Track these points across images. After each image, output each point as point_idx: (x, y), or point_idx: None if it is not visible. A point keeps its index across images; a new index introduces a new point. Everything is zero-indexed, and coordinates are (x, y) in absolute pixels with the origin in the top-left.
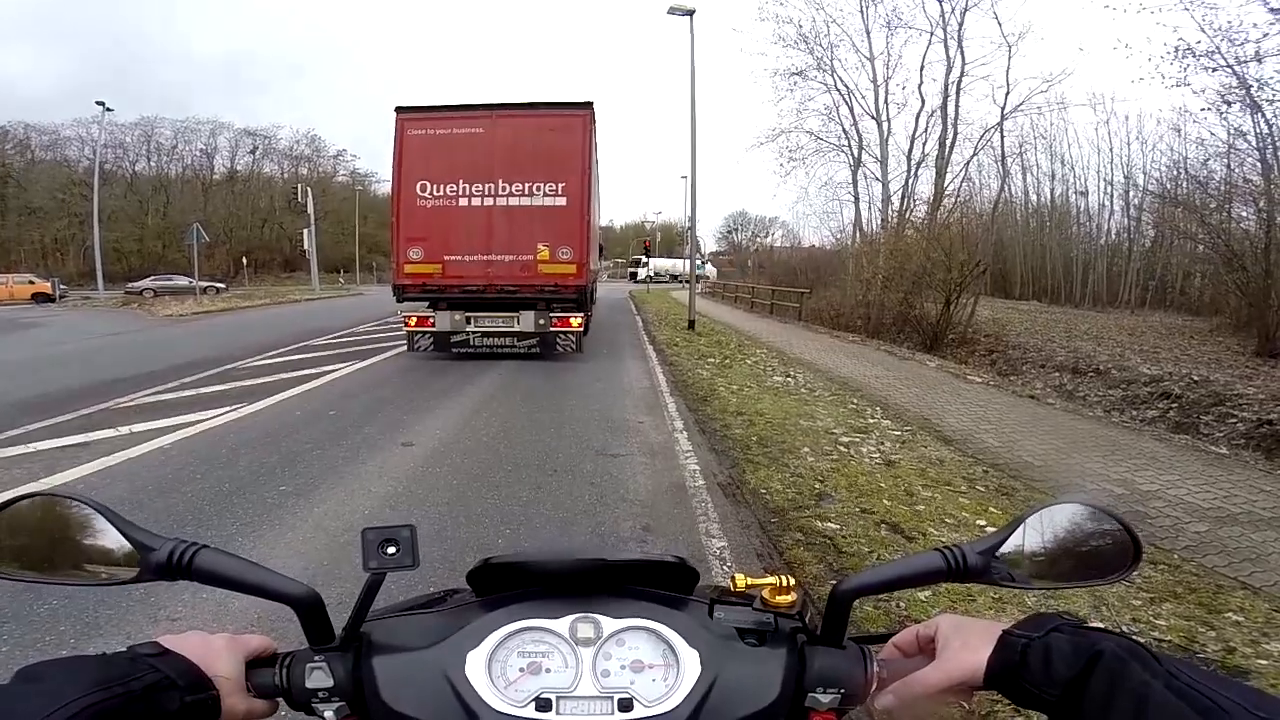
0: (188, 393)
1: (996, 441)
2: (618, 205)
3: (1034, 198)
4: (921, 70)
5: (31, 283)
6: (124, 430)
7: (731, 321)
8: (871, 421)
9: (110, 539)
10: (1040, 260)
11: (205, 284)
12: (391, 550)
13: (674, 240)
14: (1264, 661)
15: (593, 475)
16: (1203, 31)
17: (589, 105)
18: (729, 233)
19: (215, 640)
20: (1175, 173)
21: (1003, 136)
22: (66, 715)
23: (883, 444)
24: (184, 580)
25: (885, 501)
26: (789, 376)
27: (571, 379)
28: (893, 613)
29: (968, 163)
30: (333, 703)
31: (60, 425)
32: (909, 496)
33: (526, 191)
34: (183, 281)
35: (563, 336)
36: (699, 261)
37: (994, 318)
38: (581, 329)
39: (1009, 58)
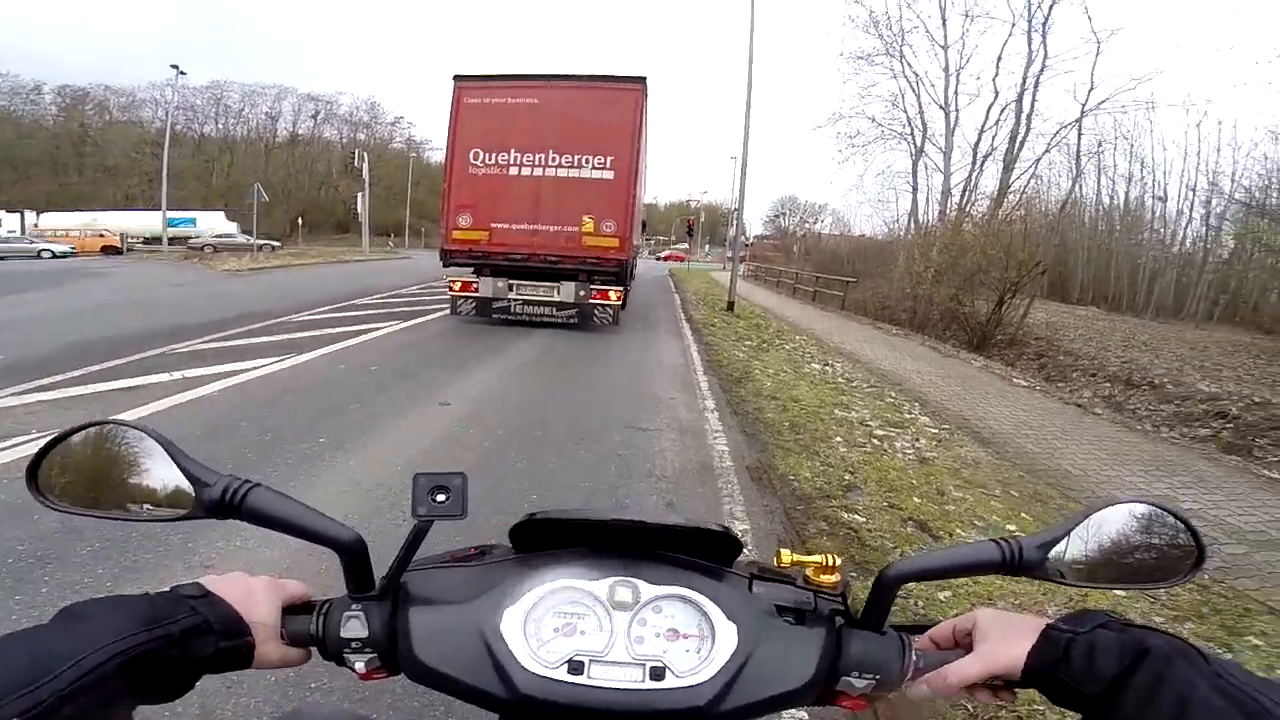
0: (239, 342)
1: (1036, 447)
2: (664, 183)
3: (1106, 199)
4: (998, 62)
5: (102, 235)
6: (177, 375)
7: (772, 306)
8: (909, 417)
9: (166, 472)
10: (1104, 265)
11: (262, 242)
12: (441, 498)
13: (718, 221)
14: None
15: (620, 447)
16: None
17: (642, 80)
18: (776, 216)
19: (256, 584)
20: (1266, 182)
21: (1080, 134)
22: (102, 657)
23: (918, 440)
24: (234, 519)
25: (915, 499)
26: (827, 365)
27: (606, 351)
28: (909, 609)
29: (1038, 159)
30: (365, 653)
31: (118, 368)
32: (940, 496)
33: (575, 163)
34: (241, 239)
35: (601, 309)
36: None
37: (1048, 321)
38: (620, 303)
39: (1096, 54)
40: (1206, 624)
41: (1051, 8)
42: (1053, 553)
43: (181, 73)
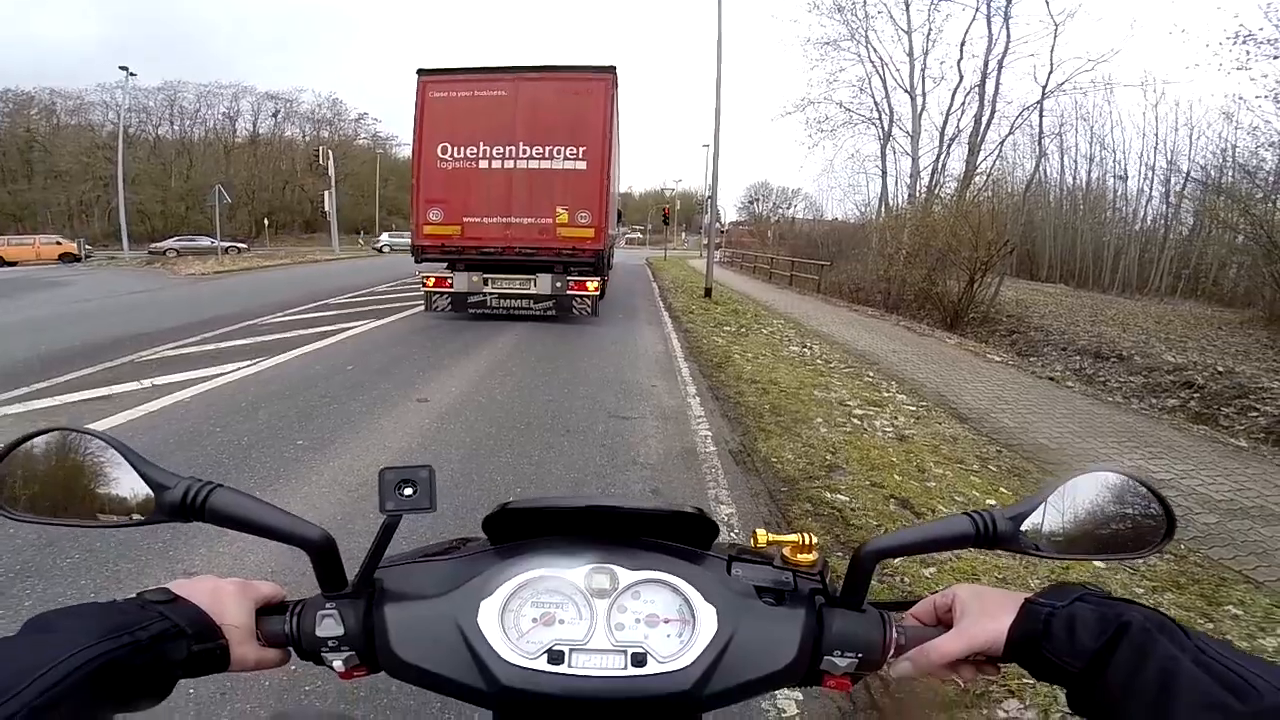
0: (209, 347)
1: (1012, 422)
2: (637, 172)
3: (1069, 179)
4: (962, 46)
5: (58, 243)
6: (146, 383)
7: (749, 291)
8: (886, 395)
9: (125, 477)
10: (1070, 243)
11: (227, 244)
12: (409, 492)
13: (693, 209)
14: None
15: (604, 437)
16: (1266, 18)
17: (612, 69)
18: (750, 203)
19: (226, 586)
20: (1222, 160)
21: (1042, 116)
22: (71, 666)
23: (897, 419)
24: (197, 522)
25: (896, 476)
26: (805, 347)
27: (586, 342)
28: (896, 588)
29: (1003, 141)
30: (342, 652)
31: (84, 378)
32: (920, 472)
33: (547, 155)
34: (205, 242)
35: (579, 300)
36: None
37: (1018, 299)
38: (598, 293)
39: (1055, 36)
40: (1185, 594)
41: None
42: (1026, 525)
43: (131, 74)
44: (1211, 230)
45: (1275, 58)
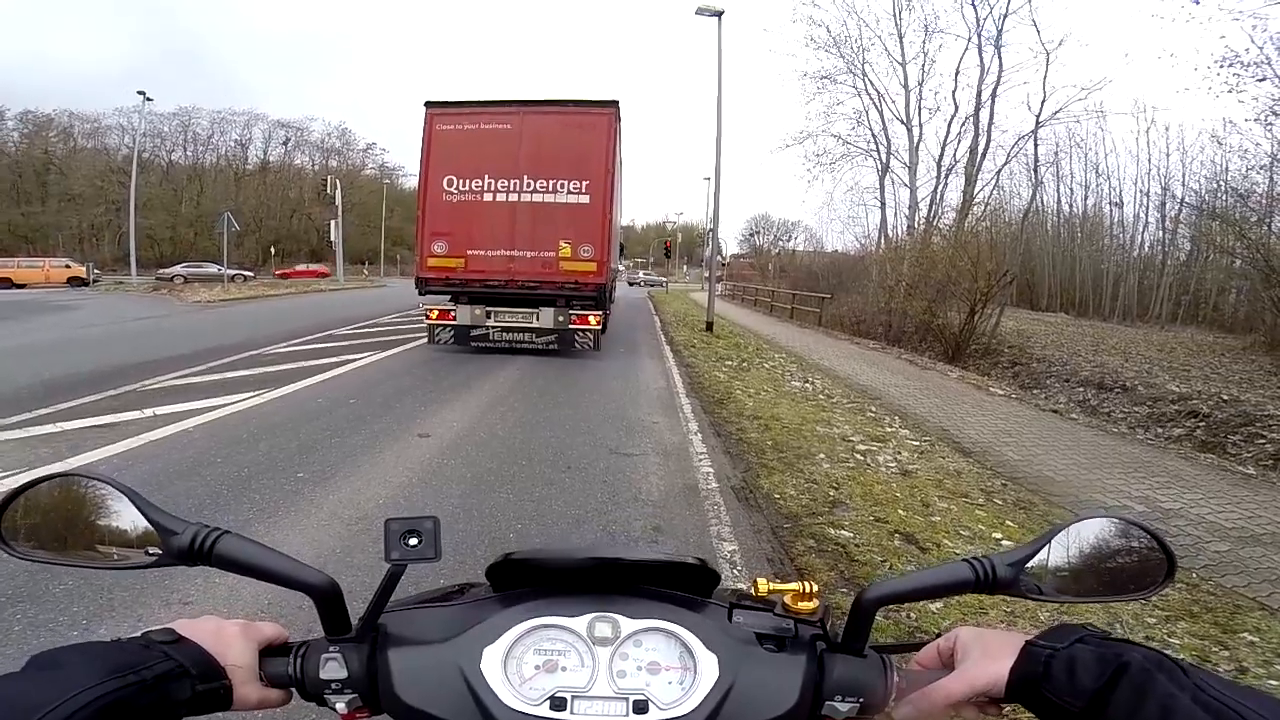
0: (213, 377)
1: (1016, 455)
2: (640, 205)
3: (1066, 208)
4: (956, 76)
5: (68, 267)
6: (149, 412)
7: (750, 325)
8: (889, 430)
9: (132, 521)
10: (1069, 272)
11: (234, 272)
12: (414, 542)
13: (695, 241)
14: (1275, 682)
15: (606, 474)
16: (1252, 41)
17: (614, 103)
18: (751, 235)
19: (229, 627)
20: (1215, 185)
21: (1037, 144)
22: (77, 705)
23: (900, 453)
24: (203, 566)
25: (900, 511)
26: (807, 382)
27: (588, 376)
28: (902, 624)
29: (999, 171)
30: (345, 694)
31: (87, 406)
32: (925, 507)
33: (550, 188)
34: (213, 269)
35: (581, 334)
36: None
37: (1019, 329)
38: (600, 327)
39: (1046, 65)
40: (1199, 622)
41: (1004, 19)
42: (1026, 569)
43: (148, 99)
44: (1209, 255)
45: (1262, 80)
